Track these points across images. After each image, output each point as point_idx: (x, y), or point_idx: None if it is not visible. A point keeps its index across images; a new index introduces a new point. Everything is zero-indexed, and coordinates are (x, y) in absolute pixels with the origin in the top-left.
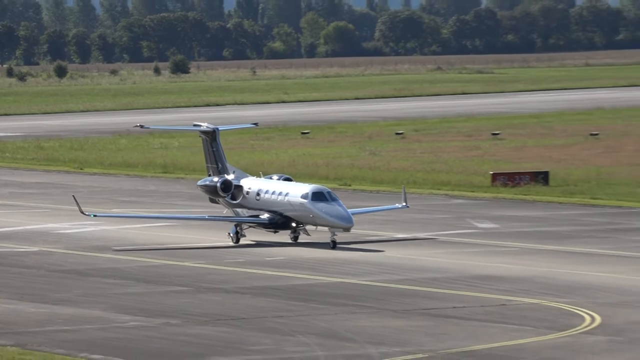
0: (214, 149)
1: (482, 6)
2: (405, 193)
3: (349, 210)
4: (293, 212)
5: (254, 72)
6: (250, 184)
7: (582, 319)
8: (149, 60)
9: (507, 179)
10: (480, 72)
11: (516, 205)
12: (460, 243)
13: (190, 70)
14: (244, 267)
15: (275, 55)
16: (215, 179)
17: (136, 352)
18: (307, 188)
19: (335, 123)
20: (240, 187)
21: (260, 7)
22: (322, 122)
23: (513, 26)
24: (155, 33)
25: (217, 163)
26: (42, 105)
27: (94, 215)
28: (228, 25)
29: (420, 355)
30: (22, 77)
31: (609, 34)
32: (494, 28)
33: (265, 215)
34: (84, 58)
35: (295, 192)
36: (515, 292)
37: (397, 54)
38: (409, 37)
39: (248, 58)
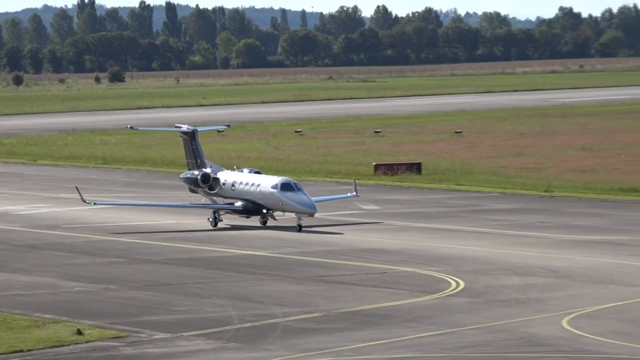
0: (194, 147)
1: (366, 26)
2: (355, 184)
3: (316, 198)
4: (264, 200)
5: (178, 80)
6: (226, 176)
7: (449, 284)
8: (91, 71)
9: (387, 169)
10: (364, 80)
11: (394, 190)
12: (349, 222)
13: (125, 79)
14: (170, 242)
15: (195, 67)
16: (196, 172)
17: (80, 313)
18: (276, 180)
19: (245, 123)
20: (217, 179)
21: (182, 27)
22: (234, 122)
23: (391, 43)
24: (96, 48)
25: (196, 159)
26: (2, 109)
27: (94, 204)
28: (156, 42)
29: (316, 314)
30: None
31: (470, 49)
32: (375, 44)
33: (239, 203)
34: (37, 69)
35: (266, 183)
36: (395, 262)
37: (296, 65)
38: (306, 52)
39: (173, 69)
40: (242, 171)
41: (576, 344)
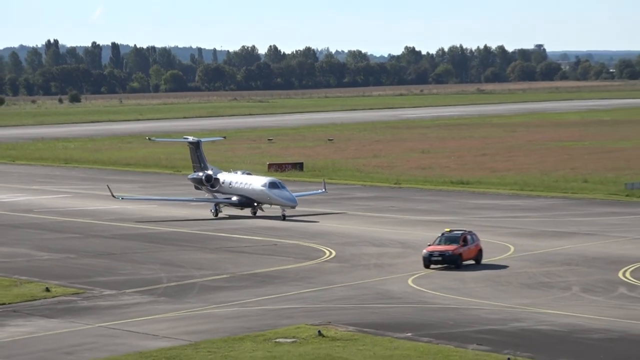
0: (198, 154)
1: (261, 60)
2: (324, 183)
3: (294, 194)
4: (255, 195)
5: (121, 101)
6: (224, 177)
7: (324, 253)
8: (55, 94)
9: (277, 167)
10: (260, 101)
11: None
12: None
13: (81, 100)
14: (117, 222)
15: (133, 91)
16: (200, 173)
17: (48, 275)
18: (265, 179)
19: (171, 133)
20: (217, 179)
21: (124, 61)
22: (162, 133)
23: (280, 73)
24: (59, 77)
25: (200, 163)
26: None
27: (122, 198)
28: (104, 72)
29: (225, 276)
30: None
31: (339, 78)
32: (268, 74)
33: (235, 198)
34: (15, 93)
35: (257, 182)
36: (284, 237)
37: (209, 90)
38: (217, 80)
39: (117, 92)
40: (236, 173)
41: (418, 297)
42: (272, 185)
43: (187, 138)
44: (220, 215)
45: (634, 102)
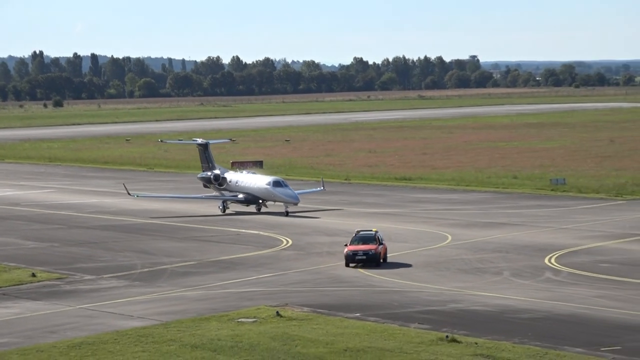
0: (206, 155)
1: (225, 70)
2: (323, 181)
3: (296, 192)
4: (260, 193)
5: (99, 106)
6: (231, 176)
7: (282, 241)
8: (41, 99)
9: (240, 165)
10: (224, 106)
11: None
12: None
13: (63, 105)
14: (97, 214)
15: (111, 97)
16: (209, 173)
17: (34, 262)
18: (269, 178)
19: (144, 134)
20: (225, 178)
21: (102, 70)
22: (136, 134)
23: (242, 81)
24: (44, 84)
25: (208, 163)
26: None
27: (137, 196)
28: (85, 80)
29: (192, 262)
30: None
31: (295, 85)
32: (232, 82)
33: (241, 195)
34: (4, 99)
35: (262, 181)
36: (246, 227)
37: (179, 96)
38: (185, 87)
39: (96, 98)
40: (242, 172)
41: (367, 281)
42: (276, 183)
43: (196, 140)
44: (227, 211)
45: (557, 107)
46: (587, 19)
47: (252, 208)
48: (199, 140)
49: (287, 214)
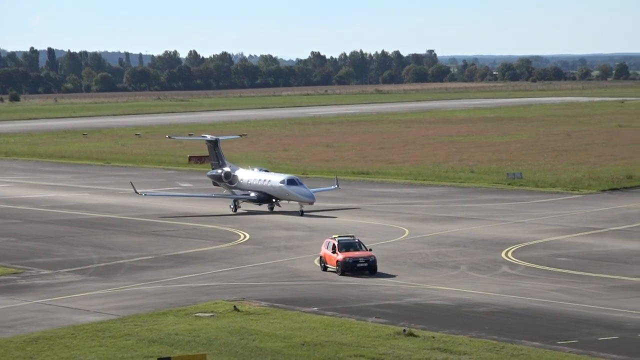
0: (216, 152)
1: (182, 64)
2: (337, 179)
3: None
4: (273, 192)
5: (56, 100)
6: (243, 174)
7: (239, 236)
8: None
9: (197, 160)
10: (181, 100)
11: (202, 173)
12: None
13: (20, 100)
14: (53, 209)
15: (68, 91)
16: (219, 170)
17: None
18: (283, 176)
19: (101, 129)
20: (235, 176)
21: (59, 64)
22: (93, 129)
23: (200, 75)
24: (1, 79)
25: (218, 160)
26: None
27: (145, 194)
28: (42, 75)
29: (150, 257)
30: None
31: (252, 79)
32: (189, 76)
33: (253, 194)
34: None
35: (275, 179)
36: (203, 222)
37: (136, 90)
38: (142, 81)
39: (52, 93)
40: (253, 169)
41: (323, 275)
42: (291, 182)
43: (206, 136)
44: (239, 210)
45: (514, 101)
46: (543, 13)
47: (265, 207)
48: (209, 137)
49: (301, 213)
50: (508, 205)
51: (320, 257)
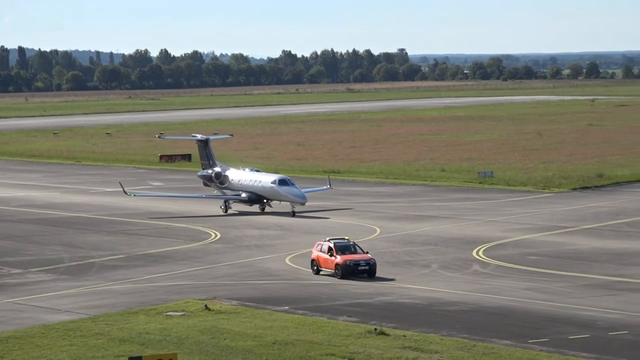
0: (207, 151)
1: (154, 63)
2: (329, 180)
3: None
4: (265, 192)
5: (27, 99)
6: (233, 174)
7: (210, 235)
8: None
9: (168, 158)
10: (152, 99)
11: (174, 172)
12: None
13: None
14: (23, 208)
15: (38, 90)
16: (209, 171)
17: None
18: (274, 176)
19: (72, 128)
20: (226, 176)
21: (30, 63)
22: (64, 128)
23: (171, 74)
24: None
25: (208, 160)
26: None
27: (134, 195)
28: (12, 73)
29: (121, 256)
30: None
31: (224, 78)
32: (160, 75)
33: (244, 194)
34: None
35: (266, 179)
36: (175, 221)
37: (106, 89)
38: (113, 80)
39: (23, 91)
40: (244, 170)
41: (295, 274)
42: (282, 182)
43: (196, 136)
44: (229, 211)
45: (485, 100)
46: (514, 12)
47: (256, 208)
48: (199, 136)
49: (293, 214)
50: (479, 203)
51: (312, 260)
